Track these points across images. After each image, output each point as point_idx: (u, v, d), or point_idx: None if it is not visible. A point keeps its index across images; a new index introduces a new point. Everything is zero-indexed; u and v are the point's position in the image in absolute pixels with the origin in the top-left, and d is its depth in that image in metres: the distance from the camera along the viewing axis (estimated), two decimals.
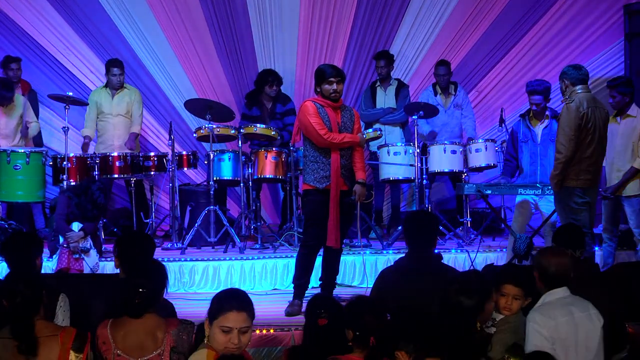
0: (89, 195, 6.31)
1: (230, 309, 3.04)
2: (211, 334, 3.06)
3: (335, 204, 5.44)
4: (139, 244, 4.29)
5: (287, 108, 8.06)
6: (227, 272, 6.55)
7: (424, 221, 4.37)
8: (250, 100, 8.14)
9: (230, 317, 3.02)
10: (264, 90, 7.97)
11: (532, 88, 6.71)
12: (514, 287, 3.69)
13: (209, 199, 7.22)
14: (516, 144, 6.84)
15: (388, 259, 6.56)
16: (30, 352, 3.23)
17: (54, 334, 3.31)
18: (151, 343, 3.40)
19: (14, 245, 4.36)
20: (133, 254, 4.15)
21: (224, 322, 3.02)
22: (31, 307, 3.37)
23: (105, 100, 7.89)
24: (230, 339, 3.01)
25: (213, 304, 3.12)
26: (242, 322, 3.05)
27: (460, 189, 6.65)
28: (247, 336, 3.07)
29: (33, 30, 8.62)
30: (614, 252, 6.65)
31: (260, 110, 8.01)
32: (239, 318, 3.04)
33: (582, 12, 8.81)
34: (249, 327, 3.08)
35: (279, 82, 8.02)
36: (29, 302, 3.37)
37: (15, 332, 3.28)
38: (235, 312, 3.04)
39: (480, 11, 8.91)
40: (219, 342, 3.03)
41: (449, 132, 8.09)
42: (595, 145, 5.67)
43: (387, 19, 8.96)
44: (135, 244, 4.27)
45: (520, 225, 6.63)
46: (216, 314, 3.05)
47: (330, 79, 5.47)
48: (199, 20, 8.82)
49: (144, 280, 3.48)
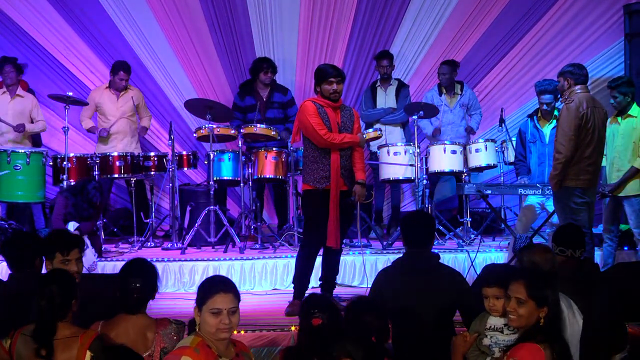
0: (85, 195, 6.31)
1: (217, 291, 3.19)
2: (202, 321, 3.19)
3: (335, 205, 5.43)
4: (23, 244, 4.26)
5: (289, 98, 8.08)
6: (227, 272, 6.53)
7: (421, 221, 4.36)
8: (244, 89, 8.14)
9: (218, 299, 3.17)
10: (258, 77, 7.97)
11: (542, 87, 6.70)
12: (488, 288, 3.63)
13: (209, 199, 7.22)
14: (525, 144, 6.83)
15: (388, 259, 6.55)
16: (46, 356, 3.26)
17: (74, 335, 3.34)
18: (142, 344, 3.43)
19: (14, 245, 4.35)
20: (17, 254, 4.17)
21: (213, 304, 3.16)
22: (58, 313, 3.37)
23: (109, 101, 7.89)
24: (221, 320, 3.14)
25: (199, 291, 3.26)
26: (230, 302, 3.18)
27: (460, 189, 6.65)
28: (236, 316, 3.21)
29: (33, 31, 8.63)
30: (614, 252, 6.65)
31: (255, 99, 8.00)
32: (226, 299, 3.18)
33: (582, 12, 8.81)
34: (236, 307, 3.22)
35: (273, 70, 8.03)
36: (57, 307, 3.37)
37: (37, 335, 3.31)
38: (223, 293, 3.19)
39: (480, 11, 8.91)
40: (210, 325, 3.15)
41: (455, 132, 8.06)
42: (594, 145, 5.68)
43: (387, 19, 8.96)
44: (18, 244, 4.25)
45: (523, 226, 6.64)
46: (204, 299, 3.19)
47: (330, 79, 5.46)
48: (199, 20, 8.82)
49: (136, 277, 3.54)
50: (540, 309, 3.33)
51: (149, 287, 3.62)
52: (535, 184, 6.46)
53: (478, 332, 3.66)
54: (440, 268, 4.25)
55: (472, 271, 6.39)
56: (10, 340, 3.38)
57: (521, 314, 3.34)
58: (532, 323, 3.34)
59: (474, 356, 3.63)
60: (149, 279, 3.64)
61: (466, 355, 3.63)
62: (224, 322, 3.14)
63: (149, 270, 3.71)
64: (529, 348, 3.22)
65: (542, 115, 6.79)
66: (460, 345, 3.62)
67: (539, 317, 3.33)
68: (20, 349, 3.33)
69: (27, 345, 3.31)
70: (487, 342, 3.63)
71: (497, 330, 3.63)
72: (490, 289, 3.64)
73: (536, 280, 3.40)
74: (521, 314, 3.34)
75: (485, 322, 3.68)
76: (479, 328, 3.68)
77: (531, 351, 3.20)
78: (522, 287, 3.35)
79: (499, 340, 3.60)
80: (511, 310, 3.37)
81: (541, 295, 3.33)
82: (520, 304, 3.34)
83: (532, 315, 3.33)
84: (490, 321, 3.67)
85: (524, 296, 3.34)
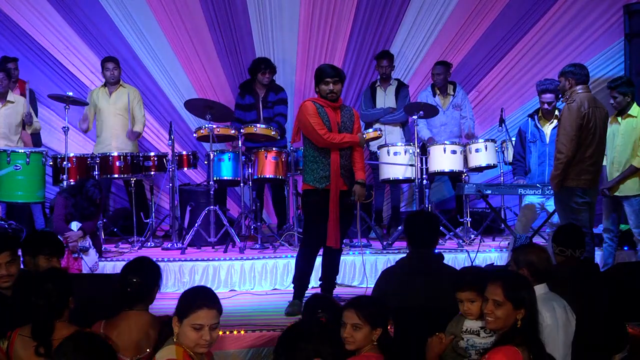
0: (84, 194, 6.32)
1: (201, 306, 3.12)
2: (181, 332, 3.13)
3: (335, 204, 5.43)
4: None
5: (279, 97, 8.06)
6: (227, 272, 6.54)
7: (425, 221, 4.37)
8: (244, 89, 8.16)
9: (201, 315, 3.11)
10: (257, 77, 7.98)
11: (543, 87, 6.69)
12: (462, 293, 3.60)
13: (209, 199, 7.21)
14: (524, 144, 6.82)
15: (388, 259, 6.55)
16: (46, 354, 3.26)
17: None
18: (144, 341, 3.43)
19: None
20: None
21: (195, 319, 3.10)
22: (54, 312, 3.38)
23: (102, 98, 7.87)
24: (202, 336, 3.09)
25: (182, 302, 3.19)
26: (213, 318, 3.13)
27: (460, 189, 6.65)
28: (216, 332, 3.16)
29: (33, 30, 8.63)
30: (614, 252, 6.65)
31: (254, 98, 8.01)
32: (209, 315, 3.12)
33: (582, 12, 8.81)
34: (218, 323, 3.17)
35: (272, 70, 8.03)
36: (53, 306, 3.39)
37: (35, 333, 3.33)
38: (207, 309, 3.12)
39: (480, 11, 8.91)
40: (190, 339, 3.10)
41: (448, 133, 8.08)
42: (595, 145, 5.67)
43: (387, 19, 8.96)
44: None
45: (523, 226, 6.64)
46: (186, 312, 3.13)
47: (327, 79, 5.46)
48: (199, 20, 8.82)
49: (134, 274, 3.54)
50: (517, 310, 3.30)
51: (148, 284, 3.62)
52: (535, 184, 6.46)
53: (454, 334, 3.63)
54: (444, 269, 4.26)
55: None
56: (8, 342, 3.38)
57: (498, 315, 3.31)
58: (509, 325, 3.31)
59: (450, 358, 3.60)
60: (148, 276, 3.64)
61: (442, 356, 3.60)
62: (204, 337, 3.10)
63: (150, 269, 3.71)
64: (506, 351, 3.17)
65: (543, 115, 6.79)
66: (436, 346, 3.59)
67: (516, 319, 3.30)
68: (19, 350, 3.33)
69: (26, 346, 3.32)
70: (463, 344, 3.59)
71: (474, 333, 3.59)
72: (464, 293, 3.60)
73: (513, 281, 3.37)
74: (498, 316, 3.31)
75: (461, 324, 3.65)
76: (455, 330, 3.65)
77: (508, 354, 3.15)
78: (499, 288, 3.32)
79: (475, 343, 3.57)
80: (488, 312, 3.34)
81: (518, 297, 3.30)
82: (498, 306, 3.31)
83: (510, 317, 3.30)
84: (467, 324, 3.63)
85: (501, 298, 3.30)
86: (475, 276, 3.61)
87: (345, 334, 3.38)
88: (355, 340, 3.37)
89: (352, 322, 3.38)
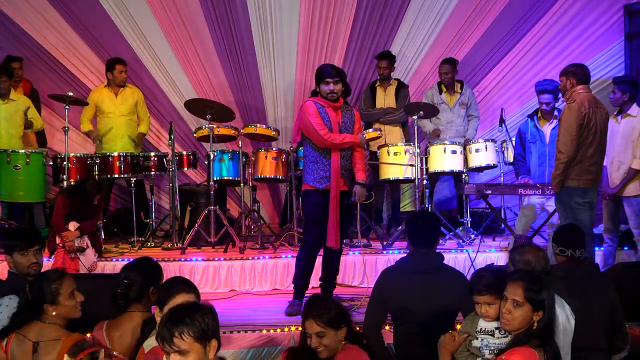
0: (83, 194, 6.32)
1: (178, 291, 3.23)
2: None
3: (335, 205, 5.43)
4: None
5: None
6: (227, 272, 6.55)
7: (425, 221, 4.37)
8: None
9: (179, 299, 3.18)
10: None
11: (542, 87, 6.69)
12: (479, 296, 3.58)
13: (209, 199, 7.22)
14: (524, 144, 6.83)
15: (388, 259, 6.56)
16: None
17: (58, 338, 3.37)
18: None
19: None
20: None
21: (174, 304, 3.12)
22: (34, 310, 3.45)
23: (107, 99, 7.88)
24: None
25: (161, 292, 3.30)
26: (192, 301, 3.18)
27: (460, 189, 6.64)
28: None
29: (33, 31, 8.63)
30: (614, 252, 6.65)
31: None
32: (188, 298, 3.20)
33: (582, 12, 8.82)
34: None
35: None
36: (30, 304, 3.46)
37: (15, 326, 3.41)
38: (184, 293, 3.23)
39: (481, 11, 8.91)
40: None
41: (454, 131, 8.05)
42: (596, 145, 5.68)
43: (387, 19, 8.96)
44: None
45: (523, 226, 6.64)
46: (165, 299, 3.22)
47: (326, 79, 5.45)
48: (199, 20, 8.82)
49: (125, 274, 3.55)
50: (535, 312, 3.30)
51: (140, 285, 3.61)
52: (535, 184, 6.45)
53: (468, 333, 3.62)
54: (444, 269, 4.26)
55: (472, 271, 6.38)
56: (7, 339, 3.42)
57: (516, 316, 3.30)
58: (525, 327, 3.30)
59: (463, 357, 3.60)
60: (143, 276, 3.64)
61: (455, 355, 3.60)
62: None
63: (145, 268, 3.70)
64: (523, 352, 3.17)
65: (542, 115, 6.79)
66: (449, 344, 3.59)
67: (533, 320, 3.29)
68: (14, 348, 3.35)
69: (20, 345, 3.33)
70: (477, 344, 3.58)
71: (489, 334, 3.58)
72: (481, 297, 3.57)
73: (534, 283, 3.34)
74: (516, 317, 3.30)
75: (476, 323, 3.63)
76: (469, 329, 3.64)
77: (525, 355, 3.16)
78: (520, 289, 3.30)
79: (490, 343, 3.55)
80: (506, 311, 3.33)
81: (538, 299, 3.29)
82: (517, 306, 3.30)
83: (527, 318, 3.30)
84: (481, 324, 3.62)
85: (521, 298, 3.30)
86: (493, 279, 3.56)
87: (313, 344, 3.45)
88: (326, 345, 3.46)
89: (316, 332, 3.46)
